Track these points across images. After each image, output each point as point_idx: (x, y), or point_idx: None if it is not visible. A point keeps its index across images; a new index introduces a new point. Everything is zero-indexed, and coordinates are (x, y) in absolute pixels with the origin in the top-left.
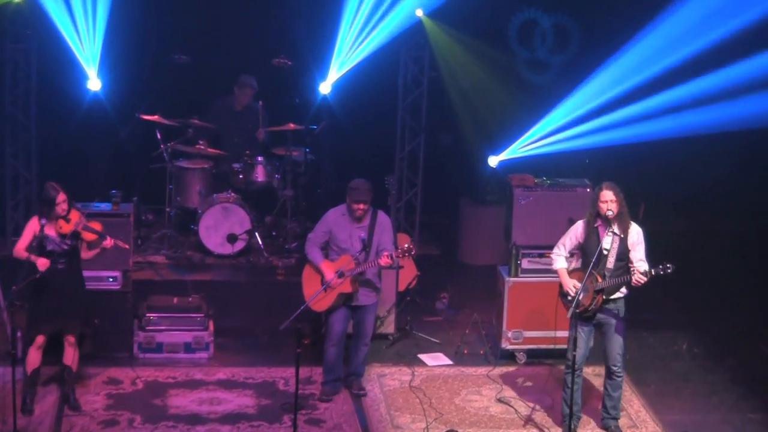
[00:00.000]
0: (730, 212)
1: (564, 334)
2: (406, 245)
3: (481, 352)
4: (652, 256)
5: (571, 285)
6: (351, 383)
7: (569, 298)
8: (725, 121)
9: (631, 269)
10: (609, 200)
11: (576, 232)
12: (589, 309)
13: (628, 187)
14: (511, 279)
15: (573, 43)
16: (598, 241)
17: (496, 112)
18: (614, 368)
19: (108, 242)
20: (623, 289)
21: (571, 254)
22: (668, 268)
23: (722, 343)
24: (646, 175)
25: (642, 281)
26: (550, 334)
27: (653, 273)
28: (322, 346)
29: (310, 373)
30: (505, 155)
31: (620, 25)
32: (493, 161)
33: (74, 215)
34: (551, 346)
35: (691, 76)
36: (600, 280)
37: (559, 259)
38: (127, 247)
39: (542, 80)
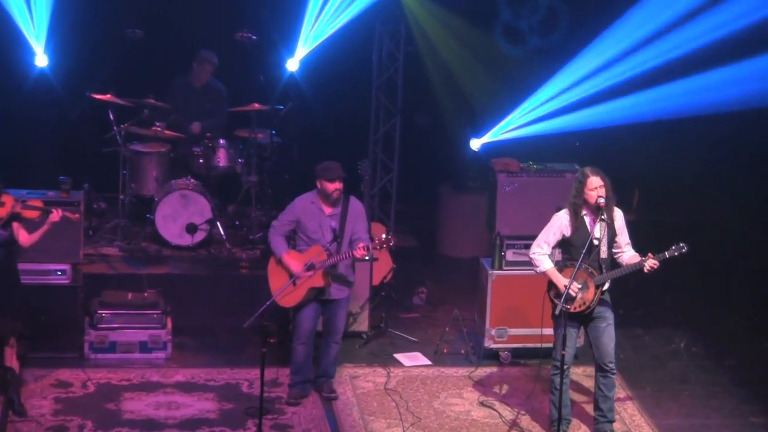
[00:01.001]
0: (730, 201)
1: (550, 331)
2: (384, 236)
3: (462, 351)
4: (646, 248)
5: (567, 283)
6: (321, 385)
7: (567, 299)
8: (725, 102)
9: (620, 257)
10: (598, 186)
11: (560, 225)
12: (591, 306)
13: (621, 172)
14: (495, 272)
15: (561, 26)
16: (588, 232)
17: (479, 91)
18: (609, 365)
19: (55, 215)
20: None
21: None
22: (682, 248)
23: (722, 342)
24: (641, 159)
25: (656, 267)
26: (537, 331)
27: (667, 255)
28: (290, 345)
29: (276, 374)
30: (488, 138)
31: (612, 2)
32: (475, 144)
33: (7, 199)
34: (538, 345)
35: (687, 57)
36: (596, 273)
37: (544, 259)
38: (77, 217)
39: (520, 52)
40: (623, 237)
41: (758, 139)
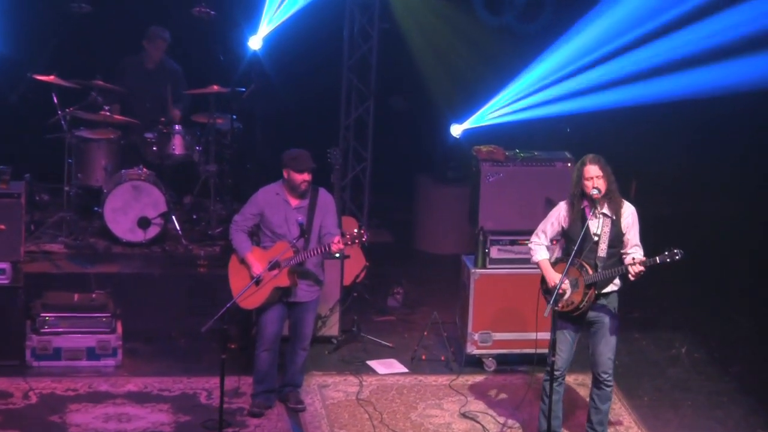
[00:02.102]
0: (736, 192)
1: (546, 335)
2: (356, 230)
3: (442, 357)
4: (645, 243)
5: (558, 279)
6: (287, 395)
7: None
8: (728, 84)
9: (625, 258)
10: (594, 176)
11: (558, 215)
12: (580, 307)
13: (617, 161)
14: (478, 271)
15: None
16: (586, 226)
17: (460, 72)
18: (603, 376)
19: None
20: (616, 281)
21: (552, 242)
22: (675, 254)
23: (727, 347)
24: (639, 147)
25: (640, 272)
26: (525, 336)
27: (658, 261)
28: (253, 351)
29: (237, 383)
30: (471, 123)
31: None
32: (456, 131)
33: None
34: (526, 351)
35: (687, 32)
36: (591, 271)
37: (540, 249)
38: (2, 228)
39: (502, 21)
40: (630, 237)
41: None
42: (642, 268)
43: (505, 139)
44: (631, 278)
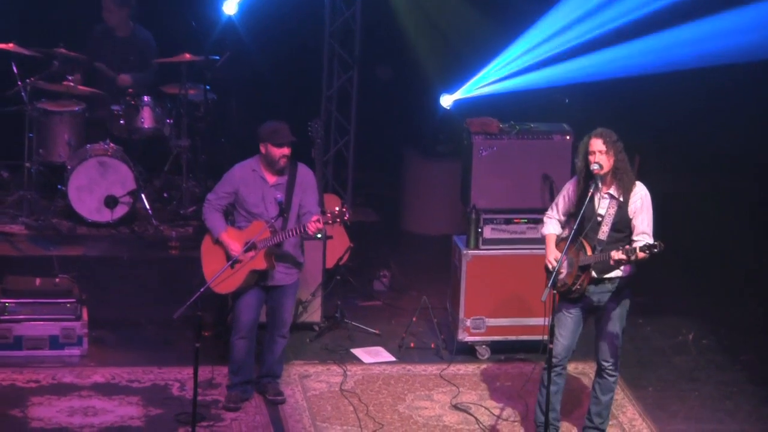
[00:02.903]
0: (747, 168)
1: (535, 321)
2: (338, 208)
3: (432, 345)
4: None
5: (552, 257)
6: (265, 387)
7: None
8: (738, 51)
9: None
10: (597, 151)
11: (568, 190)
12: (573, 289)
13: (619, 134)
14: (470, 252)
15: None
16: (591, 205)
17: (451, 39)
18: (605, 364)
19: None
20: (623, 267)
21: (568, 219)
22: (654, 246)
23: (737, 334)
24: (643, 119)
25: (620, 259)
26: (521, 321)
27: (638, 252)
28: (228, 339)
29: (212, 374)
30: (462, 93)
31: None
32: (447, 101)
33: None
34: (523, 337)
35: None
36: (589, 253)
37: (550, 223)
38: None
39: None
40: (638, 222)
41: None
42: (624, 257)
43: (499, 110)
44: (612, 263)
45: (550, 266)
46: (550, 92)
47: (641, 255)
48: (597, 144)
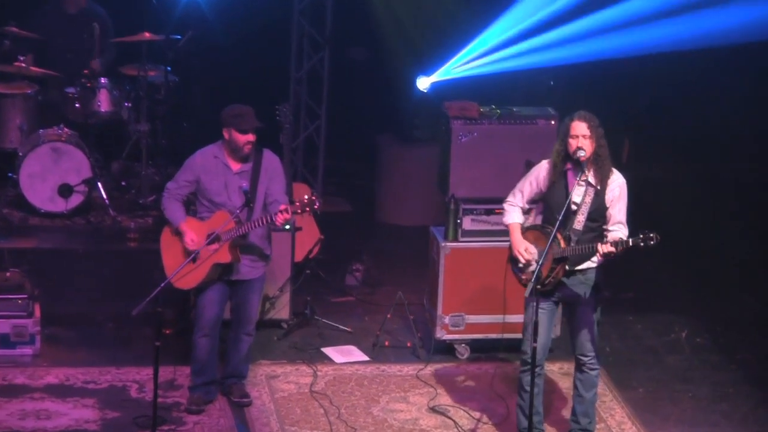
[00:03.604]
0: (739, 152)
1: (517, 318)
2: (307, 197)
3: (408, 344)
4: (636, 214)
5: (523, 248)
6: (230, 388)
7: (520, 265)
8: (734, 31)
9: (607, 235)
10: (581, 135)
11: (538, 175)
12: (546, 282)
13: (608, 118)
14: (449, 244)
15: None
16: (566, 192)
17: (429, 17)
18: (584, 359)
19: None
20: (595, 258)
21: (531, 206)
22: (651, 238)
23: (733, 331)
24: (632, 102)
25: (610, 253)
26: (503, 319)
27: (630, 244)
28: (190, 337)
29: (173, 374)
30: (440, 75)
31: None
32: (423, 83)
33: None
34: (505, 336)
35: None
36: (563, 244)
37: (513, 211)
38: None
39: None
40: (614, 212)
41: None
42: (613, 249)
43: (479, 93)
44: (599, 258)
45: (522, 259)
46: (534, 74)
47: (634, 244)
48: (581, 128)
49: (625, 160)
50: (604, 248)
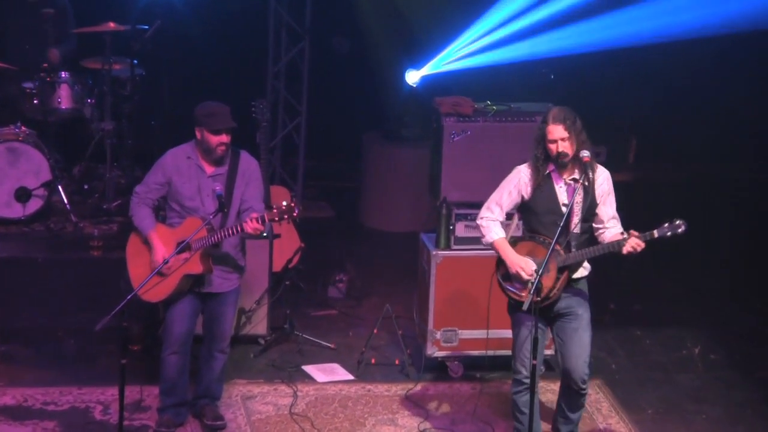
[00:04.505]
0: (759, 153)
1: (503, 333)
2: (285, 203)
3: (396, 361)
4: (645, 217)
5: (523, 263)
6: (202, 410)
7: (523, 280)
8: (746, 19)
9: (602, 233)
10: (559, 138)
11: (518, 182)
12: (550, 295)
13: (613, 114)
14: (440, 253)
15: None
16: (553, 195)
17: (418, 5)
18: (575, 379)
19: None
20: (586, 265)
21: (508, 217)
22: (678, 226)
23: (751, 346)
24: (640, 98)
25: (639, 248)
26: (499, 334)
27: (656, 235)
28: (159, 354)
29: (140, 394)
30: (430, 69)
31: None
32: (413, 77)
33: None
34: (501, 352)
35: None
36: (561, 251)
37: (494, 226)
38: None
39: None
40: (606, 208)
41: None
42: (640, 242)
43: (474, 87)
44: (625, 253)
45: (524, 275)
46: (532, 67)
47: (660, 235)
48: (557, 131)
49: (632, 160)
50: (630, 245)
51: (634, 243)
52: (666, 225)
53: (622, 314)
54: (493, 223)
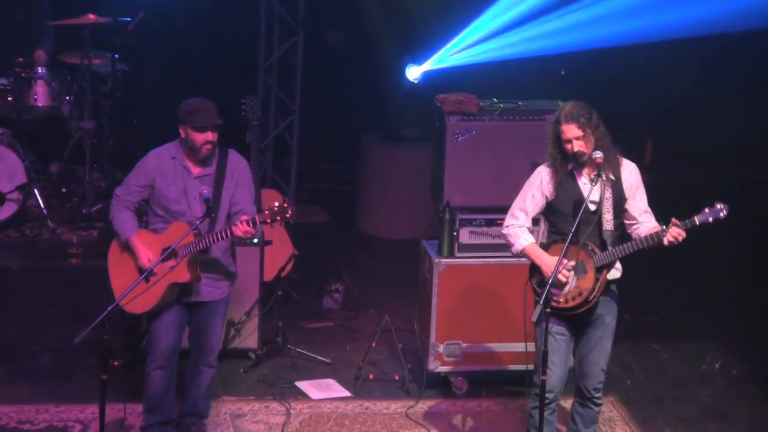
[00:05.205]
0: None
1: (511, 347)
2: (277, 204)
3: (396, 377)
4: (665, 219)
5: (559, 266)
6: (188, 428)
7: (562, 284)
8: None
9: (636, 229)
10: (573, 138)
11: (540, 185)
12: (590, 299)
13: (628, 114)
14: (443, 261)
15: None
16: (578, 192)
17: None
18: (593, 392)
19: None
20: (618, 266)
21: (535, 221)
22: (720, 210)
23: None
24: (656, 95)
25: (681, 237)
26: (506, 347)
27: (698, 222)
28: (142, 369)
29: (123, 412)
30: (432, 64)
31: None
32: (414, 73)
33: None
34: (509, 368)
35: None
36: (597, 250)
37: (522, 233)
38: None
39: None
40: (637, 202)
41: None
42: (682, 231)
43: (478, 84)
44: (666, 244)
45: (563, 278)
46: (542, 62)
47: (702, 221)
48: (571, 130)
49: (648, 162)
50: (671, 234)
51: (675, 233)
52: (707, 210)
53: (638, 326)
54: (519, 230)
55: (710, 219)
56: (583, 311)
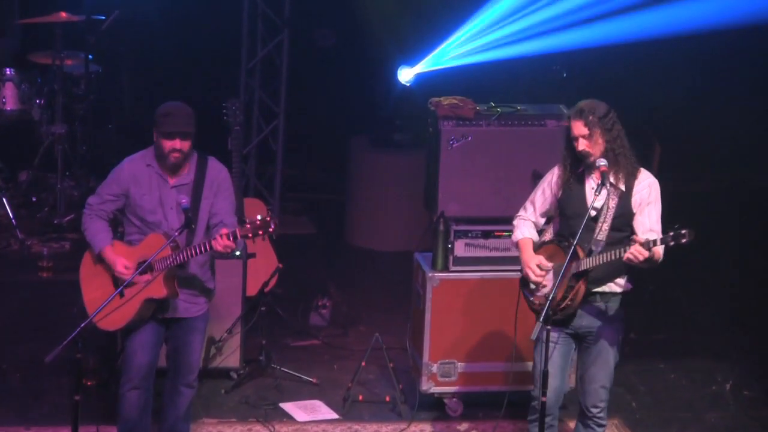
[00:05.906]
0: None
1: (524, 367)
2: (260, 217)
3: (387, 398)
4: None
5: (534, 263)
6: None
7: (531, 286)
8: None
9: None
10: (579, 135)
11: (551, 180)
12: (562, 306)
13: (634, 118)
14: (437, 275)
15: None
16: (582, 197)
17: None
18: (594, 410)
19: None
20: (620, 281)
21: (545, 225)
22: (682, 235)
23: None
24: (664, 99)
25: (640, 257)
26: (504, 367)
27: (659, 244)
28: (117, 389)
29: None
30: (426, 65)
31: None
32: (406, 75)
33: None
34: (510, 388)
35: None
36: (582, 256)
37: (523, 225)
38: None
39: None
40: (643, 218)
41: None
42: (644, 252)
43: (474, 87)
44: (625, 260)
45: (532, 276)
46: (542, 63)
47: (658, 251)
48: (577, 127)
49: (656, 168)
50: (632, 252)
51: (635, 250)
52: (671, 233)
53: (643, 344)
54: (523, 222)
55: (671, 242)
56: (559, 318)
